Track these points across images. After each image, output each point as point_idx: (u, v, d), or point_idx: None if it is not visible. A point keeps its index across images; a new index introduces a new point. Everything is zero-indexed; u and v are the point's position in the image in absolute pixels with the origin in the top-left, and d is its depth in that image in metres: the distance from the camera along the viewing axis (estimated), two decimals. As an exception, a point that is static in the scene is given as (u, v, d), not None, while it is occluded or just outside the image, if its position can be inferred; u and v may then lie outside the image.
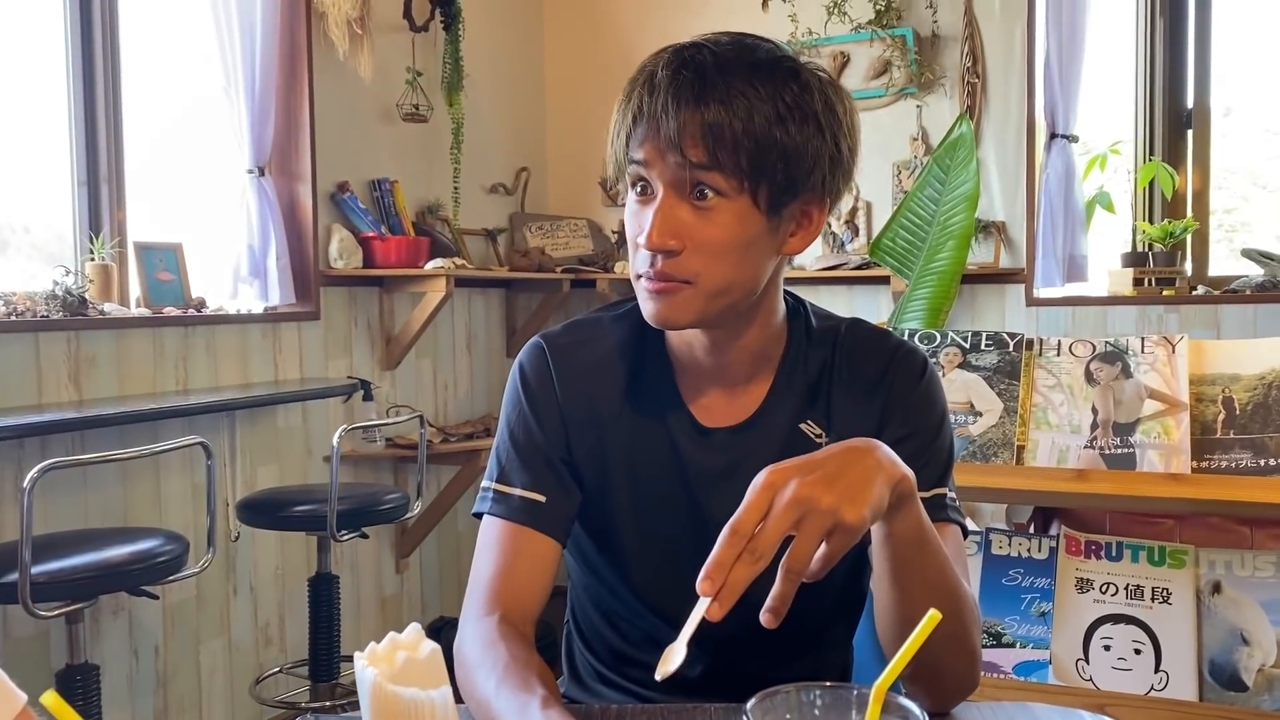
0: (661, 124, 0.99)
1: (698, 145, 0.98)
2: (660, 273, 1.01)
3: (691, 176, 0.99)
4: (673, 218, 1.00)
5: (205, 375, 3.08)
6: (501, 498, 1.12)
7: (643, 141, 1.01)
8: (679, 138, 0.98)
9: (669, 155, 0.99)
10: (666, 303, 1.03)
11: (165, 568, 2.17)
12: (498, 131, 4.32)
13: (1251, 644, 1.69)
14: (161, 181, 3.23)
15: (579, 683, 1.28)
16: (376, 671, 0.65)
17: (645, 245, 1.00)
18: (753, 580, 0.82)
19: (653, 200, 1.02)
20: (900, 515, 0.92)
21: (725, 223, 1.01)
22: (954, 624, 0.97)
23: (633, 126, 1.01)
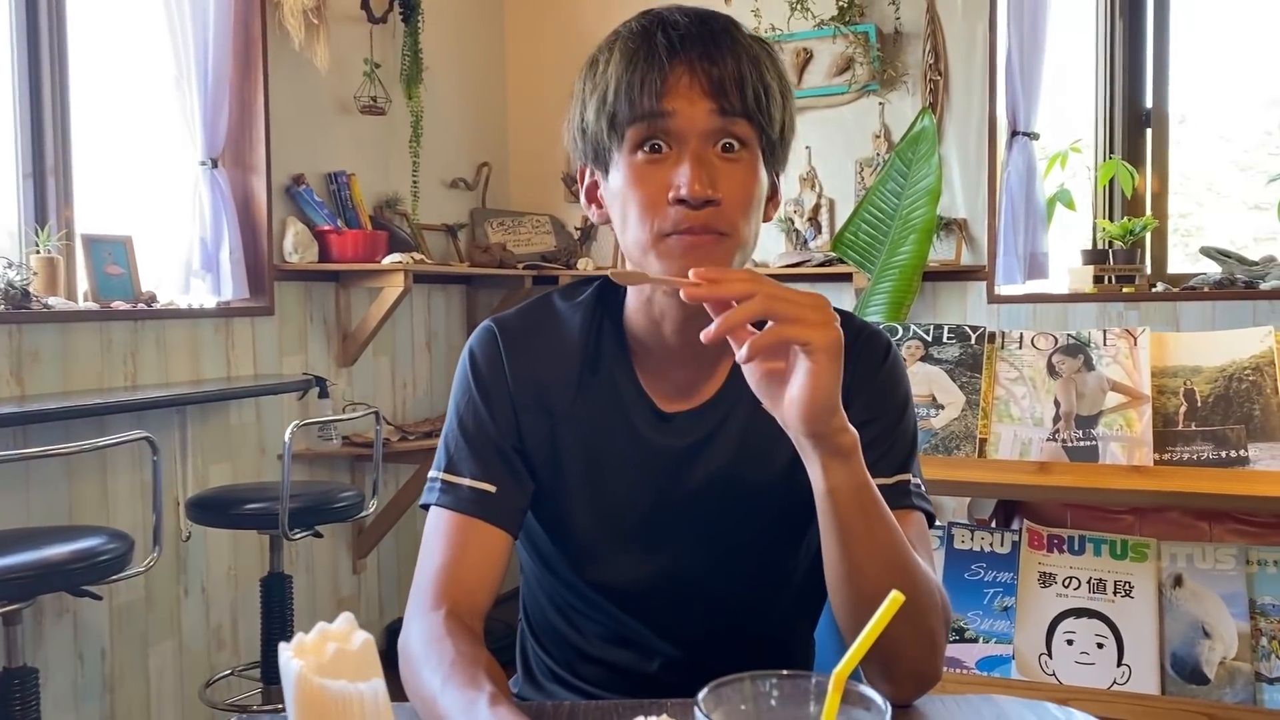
0: (699, 70, 0.97)
1: (735, 92, 0.97)
2: (703, 224, 0.98)
3: (725, 125, 0.98)
4: (709, 167, 0.98)
5: (155, 371, 3.00)
6: (449, 488, 1.07)
7: (672, 90, 0.97)
8: (720, 83, 0.97)
9: (708, 102, 0.97)
10: (707, 256, 0.99)
11: (107, 567, 2.09)
12: (458, 125, 4.26)
13: (1213, 637, 1.68)
14: (111, 173, 3.14)
15: (533, 682, 1.24)
16: (302, 664, 0.61)
17: (689, 196, 0.96)
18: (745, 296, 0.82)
19: (671, 158, 0.98)
20: (841, 468, 0.90)
21: (749, 176, 1.00)
22: (909, 605, 0.94)
23: (658, 76, 0.97)
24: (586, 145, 1.05)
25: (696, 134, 0.97)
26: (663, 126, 0.98)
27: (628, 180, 1.00)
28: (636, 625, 1.13)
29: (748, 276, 0.84)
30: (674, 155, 0.98)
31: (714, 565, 1.10)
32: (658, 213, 0.99)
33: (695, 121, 0.97)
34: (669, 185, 0.98)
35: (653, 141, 0.99)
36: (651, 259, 1.01)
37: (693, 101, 0.97)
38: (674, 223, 0.98)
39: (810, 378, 0.85)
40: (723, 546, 1.10)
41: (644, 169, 0.99)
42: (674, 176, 0.97)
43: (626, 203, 1.01)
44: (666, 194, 0.98)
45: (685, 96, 0.97)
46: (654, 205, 0.99)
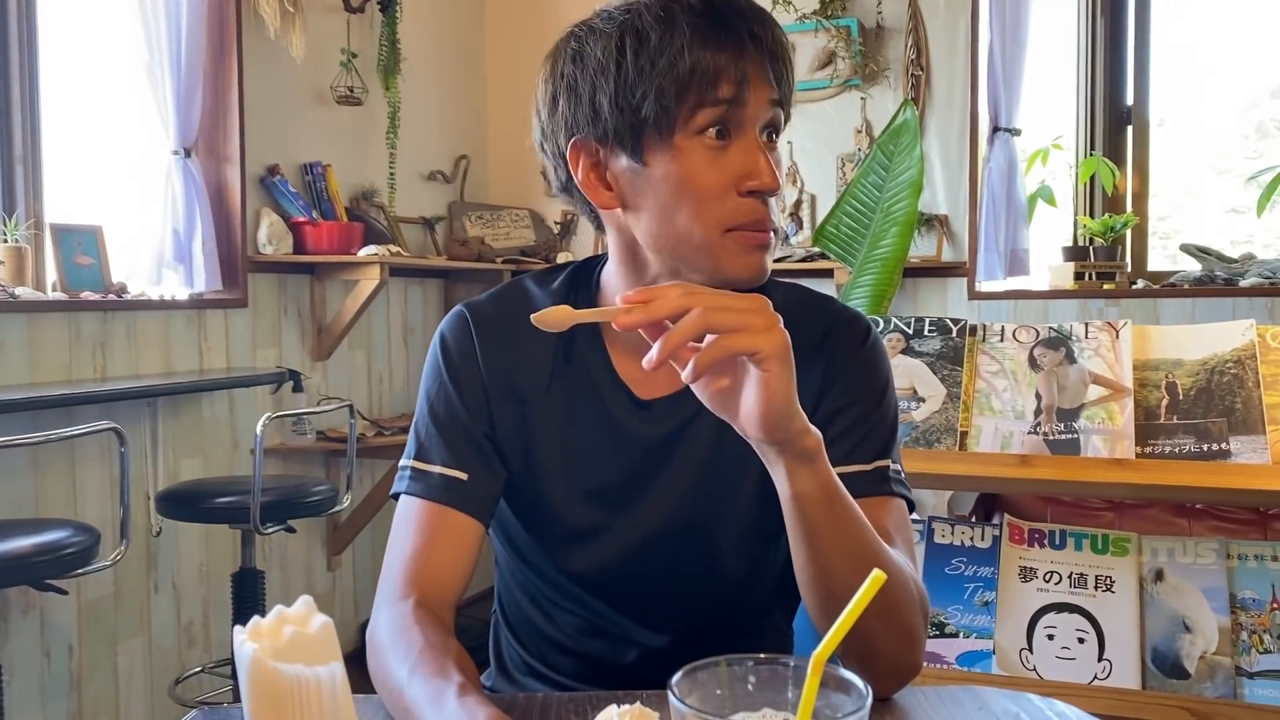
0: (763, 55, 0.94)
1: (785, 80, 0.96)
2: (770, 217, 0.96)
3: (775, 114, 0.96)
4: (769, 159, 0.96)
5: (125, 363, 2.95)
6: (420, 475, 1.04)
7: (728, 74, 0.93)
8: (779, 69, 0.95)
9: (769, 90, 0.95)
10: (768, 254, 0.98)
11: (72, 560, 2.05)
12: (436, 117, 4.22)
13: (1194, 631, 1.67)
14: (81, 162, 3.09)
15: (506, 675, 1.21)
16: (257, 647, 0.58)
17: (771, 186, 0.94)
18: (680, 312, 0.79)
19: (737, 144, 0.95)
20: (806, 472, 0.87)
21: (777, 166, 0.98)
22: (883, 598, 0.92)
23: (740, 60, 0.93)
24: (619, 121, 0.96)
25: (759, 122, 0.95)
26: (736, 112, 0.94)
27: (692, 167, 0.95)
28: (612, 616, 1.11)
29: (680, 291, 0.80)
30: (737, 143, 0.95)
31: (692, 555, 1.08)
32: (726, 201, 0.95)
33: (760, 109, 0.95)
34: (736, 174, 0.95)
35: (722, 127, 0.94)
36: (703, 257, 0.97)
37: (760, 88, 0.94)
38: (746, 215, 0.95)
39: (763, 386, 0.81)
40: (701, 536, 1.08)
41: (712, 152, 0.95)
42: (746, 165, 0.94)
43: (682, 191, 0.95)
44: (734, 183, 0.95)
45: (755, 82, 0.94)
46: (722, 192, 0.95)
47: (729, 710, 0.59)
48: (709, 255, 0.96)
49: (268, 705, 0.56)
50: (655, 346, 0.79)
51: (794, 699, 0.58)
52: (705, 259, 0.97)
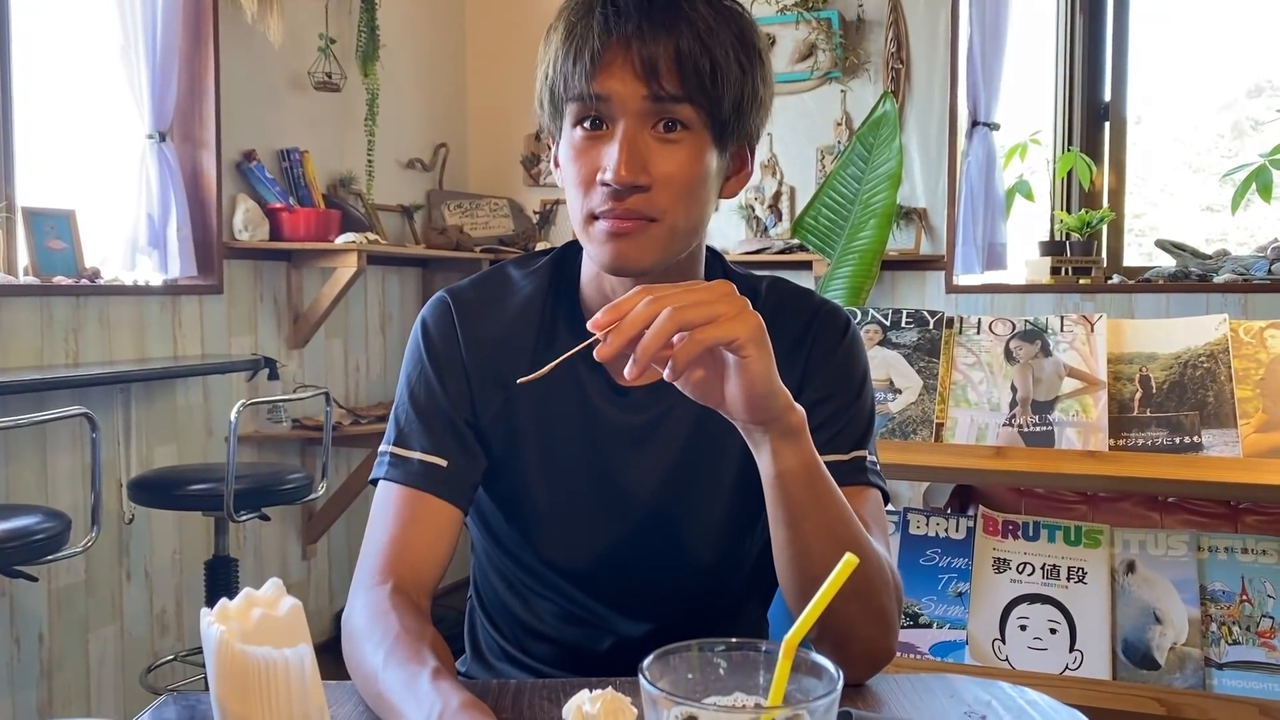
0: (632, 51, 0.92)
1: (671, 74, 0.93)
2: (627, 209, 0.94)
3: (661, 109, 0.94)
4: (639, 151, 0.94)
5: (98, 349, 2.92)
6: (399, 461, 1.04)
7: (603, 71, 0.93)
8: (653, 66, 0.92)
9: (640, 86, 0.93)
10: (631, 244, 0.96)
11: (42, 546, 2.03)
12: (415, 104, 4.20)
13: (1164, 622, 1.69)
14: (54, 145, 3.05)
15: (482, 661, 1.21)
16: (224, 629, 0.57)
17: (613, 181, 0.93)
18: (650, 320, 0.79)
19: (608, 135, 0.95)
20: (791, 449, 0.88)
21: (690, 157, 0.96)
22: (859, 579, 0.92)
23: (589, 56, 0.93)
24: (542, 115, 1.02)
25: (630, 115, 0.94)
26: (597, 106, 0.95)
27: (567, 155, 0.99)
28: (589, 604, 1.11)
29: (644, 300, 0.80)
30: (610, 133, 0.95)
31: (670, 544, 1.08)
32: (589, 190, 0.96)
33: (628, 104, 0.94)
34: (600, 164, 0.95)
35: (590, 117, 0.96)
36: (584, 239, 1.00)
37: (625, 83, 0.93)
38: (600, 204, 0.96)
39: (743, 371, 0.82)
40: (679, 524, 1.08)
41: (581, 145, 0.97)
42: (604, 156, 0.95)
43: (566, 177, 1.00)
44: (596, 170, 0.95)
45: (618, 78, 0.93)
46: (586, 182, 0.96)
47: (700, 694, 0.59)
48: (585, 239, 0.99)
49: (235, 687, 0.56)
50: (632, 359, 0.80)
51: (765, 683, 0.58)
52: (585, 242, 1.00)
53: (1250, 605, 1.67)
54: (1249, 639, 1.65)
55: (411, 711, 0.79)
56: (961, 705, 0.92)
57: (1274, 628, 1.65)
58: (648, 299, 0.80)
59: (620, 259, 0.97)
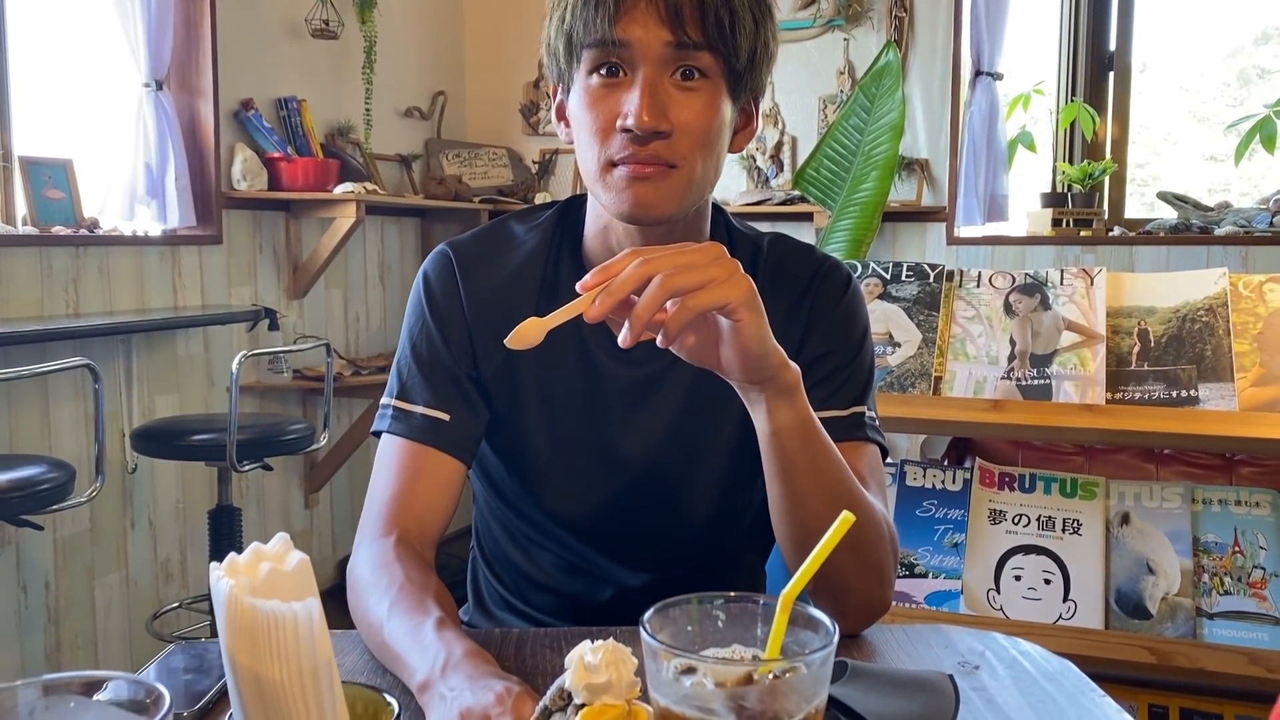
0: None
1: (694, 21, 0.92)
2: (651, 154, 0.94)
3: (681, 55, 0.94)
4: (660, 97, 0.94)
5: (98, 299, 2.92)
6: (402, 415, 1.05)
7: (625, 15, 0.92)
8: (677, 12, 0.92)
9: (663, 31, 0.92)
10: (652, 188, 0.95)
11: (47, 496, 2.05)
12: (413, 52, 4.16)
13: (1157, 573, 1.71)
14: (50, 94, 3.02)
15: (484, 610, 1.23)
16: (233, 583, 0.58)
17: (635, 126, 0.92)
18: (640, 284, 0.78)
19: (627, 82, 0.94)
20: (786, 406, 0.89)
21: (707, 106, 0.96)
22: (856, 534, 0.93)
23: (611, 1, 0.93)
24: (552, 63, 1.01)
25: (651, 62, 0.93)
26: (617, 51, 0.94)
27: (582, 103, 0.97)
28: (590, 555, 1.12)
29: (635, 262, 0.79)
30: (628, 80, 0.94)
31: (670, 496, 1.10)
32: (607, 138, 0.96)
33: (650, 49, 0.93)
34: (619, 110, 0.94)
35: (608, 64, 0.95)
36: (599, 188, 0.98)
37: (648, 28, 0.92)
38: (620, 151, 0.95)
39: (737, 334, 0.83)
40: (679, 477, 1.09)
41: (598, 92, 0.96)
42: (623, 103, 0.94)
43: (579, 126, 0.98)
44: (615, 117, 0.95)
45: (640, 23, 0.92)
46: (604, 130, 0.95)
47: (699, 646, 0.60)
48: (600, 188, 0.98)
49: (245, 641, 0.57)
50: (625, 326, 0.80)
51: (763, 636, 0.59)
52: (600, 191, 0.99)
53: (1242, 556, 1.69)
54: (1240, 589, 1.67)
55: (416, 660, 0.81)
56: (956, 655, 0.94)
57: (1265, 578, 1.67)
58: (638, 261, 0.79)
59: (641, 205, 0.96)
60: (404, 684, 0.83)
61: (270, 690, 0.56)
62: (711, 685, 0.55)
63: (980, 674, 0.90)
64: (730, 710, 0.54)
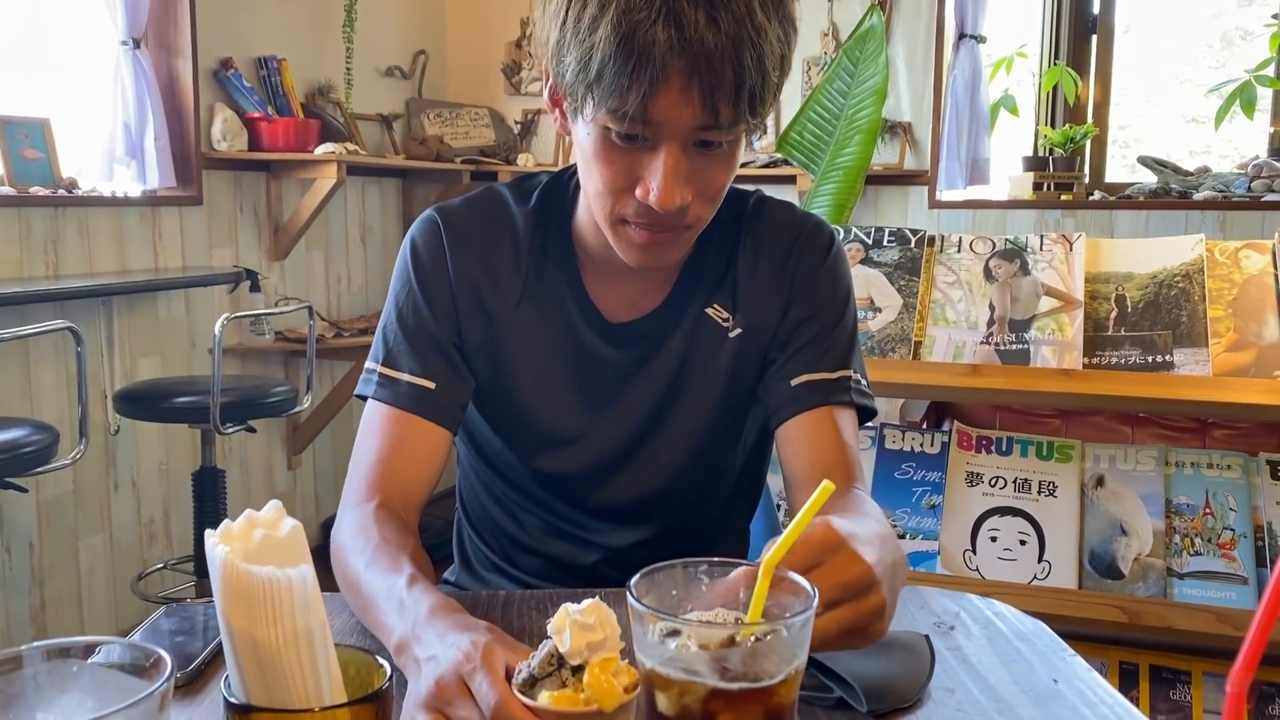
0: (694, 83, 0.84)
1: (728, 104, 0.86)
2: (670, 224, 0.93)
3: (711, 135, 0.89)
4: (684, 171, 0.89)
5: (78, 260, 2.90)
6: (388, 382, 1.05)
7: (661, 95, 0.84)
8: (713, 96, 0.85)
9: (700, 115, 0.86)
10: (664, 251, 0.96)
11: (32, 459, 2.05)
12: (394, 10, 4.11)
13: (1129, 534, 1.74)
14: (26, 52, 2.98)
15: (471, 571, 1.24)
16: (228, 550, 0.60)
17: (658, 206, 0.89)
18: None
19: (648, 147, 0.89)
20: None
21: (729, 164, 0.94)
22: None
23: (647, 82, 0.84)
24: (559, 75, 0.92)
25: (679, 139, 0.88)
26: (642, 128, 0.88)
27: (595, 150, 0.92)
28: (575, 517, 1.14)
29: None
30: (649, 146, 0.89)
31: (654, 465, 1.11)
32: (620, 198, 0.93)
33: (681, 130, 0.88)
34: (637, 177, 0.91)
35: (629, 133, 0.89)
36: (607, 232, 0.97)
37: (682, 112, 0.86)
38: (635, 217, 0.93)
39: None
40: (663, 447, 1.11)
41: (615, 150, 0.91)
42: (646, 174, 0.90)
43: (588, 168, 0.94)
44: (633, 181, 0.91)
45: (676, 103, 0.85)
46: (617, 190, 0.92)
47: (683, 610, 0.62)
48: (610, 235, 0.97)
49: (241, 606, 0.58)
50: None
51: (745, 600, 0.61)
52: (609, 236, 0.98)
53: (1213, 518, 1.73)
54: (1210, 550, 1.71)
55: (392, 619, 0.81)
56: (931, 616, 0.96)
57: (1234, 539, 1.71)
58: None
59: (650, 263, 0.97)
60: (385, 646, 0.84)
61: (266, 653, 0.58)
62: (695, 647, 0.57)
63: (955, 634, 0.92)
64: (714, 671, 0.56)
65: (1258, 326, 1.72)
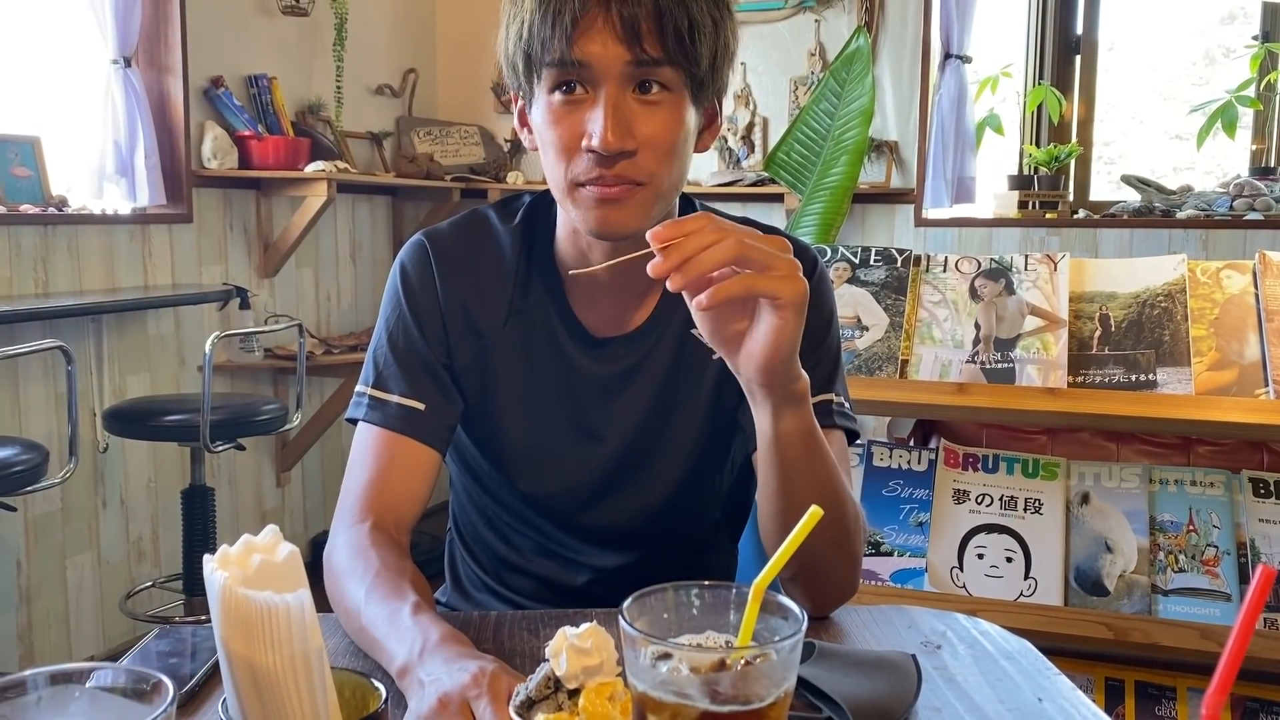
0: (613, 13, 0.90)
1: (652, 36, 0.91)
2: (617, 175, 0.94)
3: (643, 72, 0.93)
4: (624, 115, 0.93)
5: (67, 279, 2.90)
6: (378, 404, 1.06)
7: (583, 35, 0.91)
8: (634, 28, 0.91)
9: (622, 50, 0.91)
10: (619, 209, 0.96)
11: (22, 478, 2.05)
12: (384, 29, 4.13)
13: (1114, 551, 1.76)
14: (16, 70, 2.99)
15: (462, 592, 1.25)
16: (227, 575, 0.61)
17: (600, 147, 0.92)
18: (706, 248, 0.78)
19: (589, 99, 0.93)
20: (792, 414, 0.89)
21: (671, 118, 0.96)
22: (838, 529, 0.97)
23: (569, 18, 0.91)
24: (512, 74, 1.00)
25: (611, 80, 0.93)
26: (577, 72, 0.93)
27: (545, 120, 0.97)
28: (565, 539, 1.15)
29: (711, 226, 0.79)
30: (590, 98, 0.94)
31: (642, 482, 1.12)
32: (572, 158, 0.95)
33: (609, 68, 0.92)
34: (583, 131, 0.94)
35: (568, 83, 0.94)
36: (567, 205, 0.99)
37: (606, 46, 0.91)
38: (585, 172, 0.95)
39: (774, 333, 0.83)
40: (651, 465, 1.11)
41: (560, 110, 0.95)
42: (588, 123, 0.93)
43: (544, 142, 0.98)
44: (579, 136, 0.94)
45: (598, 41, 0.91)
46: (568, 150, 0.95)
47: (675, 633, 0.63)
48: (569, 205, 0.99)
49: (239, 631, 0.59)
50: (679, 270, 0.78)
51: (735, 622, 0.62)
52: (569, 208, 0.99)
53: (1196, 535, 1.75)
54: (1194, 567, 1.73)
55: (394, 646, 0.83)
56: (919, 635, 0.98)
57: (1217, 556, 1.72)
58: (713, 224, 0.79)
59: (608, 224, 0.97)
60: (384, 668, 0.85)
61: (264, 677, 0.59)
62: (686, 671, 0.58)
63: (942, 653, 0.93)
64: (704, 695, 0.57)
65: (1239, 346, 1.75)
